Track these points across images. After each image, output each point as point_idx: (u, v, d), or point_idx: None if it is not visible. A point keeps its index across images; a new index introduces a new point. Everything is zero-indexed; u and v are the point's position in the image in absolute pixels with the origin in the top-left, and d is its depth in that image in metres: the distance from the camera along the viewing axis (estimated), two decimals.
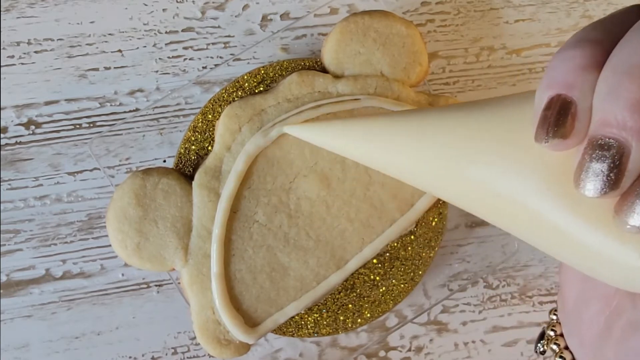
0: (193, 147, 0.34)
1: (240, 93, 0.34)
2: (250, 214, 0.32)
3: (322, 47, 0.34)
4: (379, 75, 0.33)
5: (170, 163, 0.36)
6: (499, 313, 0.37)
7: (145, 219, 0.32)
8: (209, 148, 0.34)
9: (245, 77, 0.34)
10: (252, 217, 0.32)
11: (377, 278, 0.35)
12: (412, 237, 0.35)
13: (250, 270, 0.32)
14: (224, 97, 0.34)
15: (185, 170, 0.34)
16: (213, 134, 0.34)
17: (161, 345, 0.36)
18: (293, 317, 0.33)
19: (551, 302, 0.37)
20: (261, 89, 0.34)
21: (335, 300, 0.34)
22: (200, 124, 0.34)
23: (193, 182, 0.32)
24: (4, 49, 0.36)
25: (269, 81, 0.34)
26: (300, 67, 0.35)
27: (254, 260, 0.32)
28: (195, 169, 0.33)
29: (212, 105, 0.34)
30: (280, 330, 0.34)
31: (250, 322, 0.32)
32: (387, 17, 0.33)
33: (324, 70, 0.34)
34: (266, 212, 0.32)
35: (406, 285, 0.35)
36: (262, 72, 0.35)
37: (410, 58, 0.33)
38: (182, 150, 0.34)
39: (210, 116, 0.34)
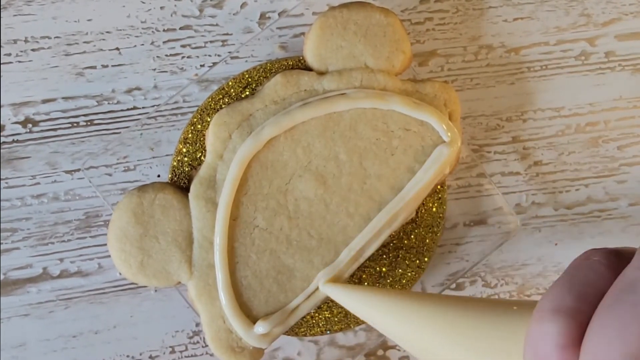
0: (185, 159, 0.34)
1: (226, 100, 0.34)
2: (249, 219, 0.32)
3: (303, 45, 0.34)
4: (363, 67, 0.33)
5: (165, 178, 0.36)
6: None
7: (145, 236, 0.32)
8: (202, 158, 0.34)
9: (230, 83, 0.34)
10: (252, 223, 0.32)
11: (384, 269, 0.35)
12: (414, 224, 0.35)
13: (256, 276, 0.32)
14: (210, 105, 0.34)
15: (180, 183, 0.34)
16: (204, 144, 0.34)
17: (159, 344, 0.36)
18: (304, 317, 0.33)
19: None
20: (247, 93, 0.34)
21: None
22: (190, 135, 0.34)
23: (189, 194, 0.32)
24: (1, 47, 0.36)
25: (254, 85, 0.34)
26: (283, 68, 0.34)
27: (258, 265, 0.32)
28: (190, 181, 0.33)
29: (200, 114, 0.34)
30: (293, 331, 0.34)
31: None
32: (365, 8, 0.33)
33: (307, 68, 0.34)
34: (265, 216, 0.32)
35: (413, 273, 0.35)
36: (247, 76, 0.34)
37: (393, 47, 0.33)
38: (175, 164, 0.34)
39: (199, 126, 0.34)
